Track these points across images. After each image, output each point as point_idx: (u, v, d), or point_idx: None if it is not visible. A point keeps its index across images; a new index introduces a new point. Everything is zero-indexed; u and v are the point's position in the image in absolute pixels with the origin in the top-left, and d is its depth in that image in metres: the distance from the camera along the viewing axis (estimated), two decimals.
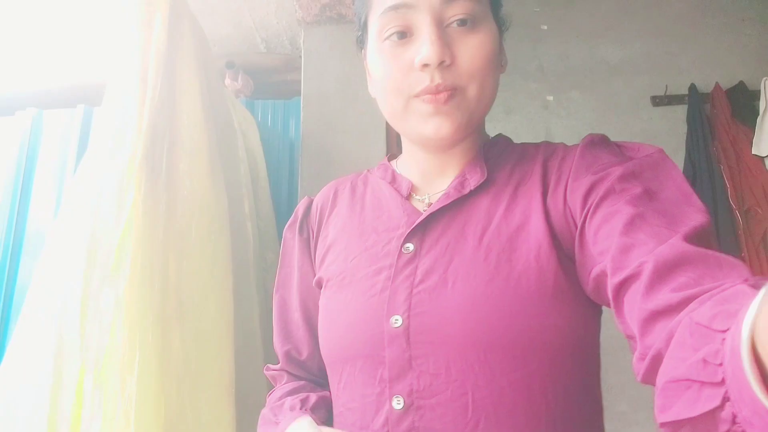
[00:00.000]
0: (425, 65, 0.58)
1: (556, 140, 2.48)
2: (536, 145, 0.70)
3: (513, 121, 2.37)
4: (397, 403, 0.58)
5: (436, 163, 0.69)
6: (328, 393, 0.72)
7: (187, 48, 1.36)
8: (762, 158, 2.18)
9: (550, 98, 2.42)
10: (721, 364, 0.32)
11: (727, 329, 0.33)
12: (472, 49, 0.59)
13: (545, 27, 2.51)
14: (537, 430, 0.56)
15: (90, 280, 1.10)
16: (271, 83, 2.23)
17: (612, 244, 0.49)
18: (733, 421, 0.31)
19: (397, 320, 0.59)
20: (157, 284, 1.13)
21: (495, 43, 0.62)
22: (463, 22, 0.59)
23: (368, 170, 0.79)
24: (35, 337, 1.14)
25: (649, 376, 0.42)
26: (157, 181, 1.20)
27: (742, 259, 2.05)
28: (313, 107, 1.77)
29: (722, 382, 0.32)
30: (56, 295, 1.15)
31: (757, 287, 0.37)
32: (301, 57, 1.86)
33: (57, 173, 1.65)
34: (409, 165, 0.73)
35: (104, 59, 2.17)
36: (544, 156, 0.67)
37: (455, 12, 0.59)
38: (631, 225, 0.49)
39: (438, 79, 0.58)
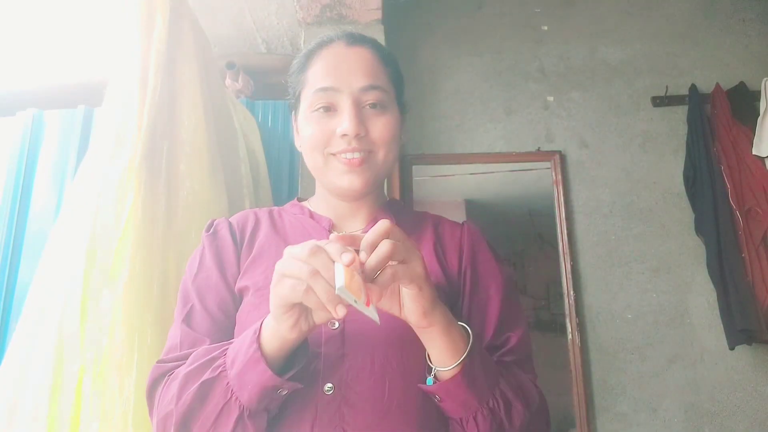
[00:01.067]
0: (345, 135, 0.79)
1: (557, 141, 2.44)
2: (423, 213, 0.94)
3: (513, 122, 2.36)
4: (329, 389, 0.70)
5: (348, 208, 0.87)
6: None
7: (187, 48, 1.36)
8: (762, 159, 2.18)
9: (551, 99, 2.41)
10: None
11: None
12: (381, 125, 0.81)
13: (546, 28, 2.51)
14: (429, 411, 0.72)
15: (90, 280, 1.10)
16: (272, 84, 2.23)
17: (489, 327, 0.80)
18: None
19: (334, 324, 0.74)
20: (156, 285, 1.13)
21: (397, 123, 0.84)
22: (374, 105, 0.81)
23: (279, 208, 0.93)
24: (35, 337, 1.14)
25: None
26: (157, 182, 1.20)
27: (743, 260, 2.05)
28: None
29: None
30: (56, 296, 1.14)
31: None
32: None
33: (57, 173, 1.65)
34: (325, 208, 0.89)
35: (105, 59, 2.17)
36: (433, 223, 0.89)
37: (369, 98, 0.81)
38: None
39: (354, 144, 0.79)
